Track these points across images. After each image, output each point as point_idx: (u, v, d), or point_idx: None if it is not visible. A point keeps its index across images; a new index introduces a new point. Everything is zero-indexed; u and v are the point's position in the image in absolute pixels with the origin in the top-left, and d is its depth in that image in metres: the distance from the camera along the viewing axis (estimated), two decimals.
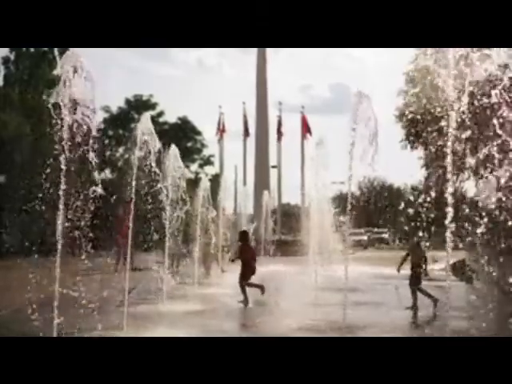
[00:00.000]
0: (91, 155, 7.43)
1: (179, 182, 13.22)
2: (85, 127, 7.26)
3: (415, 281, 11.79)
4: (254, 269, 13.27)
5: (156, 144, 10.02)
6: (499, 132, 5.63)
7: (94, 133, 7.41)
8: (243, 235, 14.01)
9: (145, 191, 11.07)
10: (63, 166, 7.08)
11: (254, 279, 13.37)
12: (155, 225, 12.29)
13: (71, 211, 7.22)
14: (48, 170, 7.29)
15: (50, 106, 7.09)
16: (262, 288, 13.13)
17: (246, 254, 13.35)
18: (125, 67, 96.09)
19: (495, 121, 5.66)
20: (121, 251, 18.69)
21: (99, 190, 7.51)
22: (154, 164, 10.15)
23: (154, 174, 10.39)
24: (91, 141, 7.37)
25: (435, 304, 11.48)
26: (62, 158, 7.09)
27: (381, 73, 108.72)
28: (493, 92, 5.57)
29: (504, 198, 5.51)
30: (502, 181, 5.61)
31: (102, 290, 11.22)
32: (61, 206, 7.11)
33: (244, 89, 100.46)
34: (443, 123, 5.98)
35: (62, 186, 7.10)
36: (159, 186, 11.20)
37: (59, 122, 7.13)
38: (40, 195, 7.34)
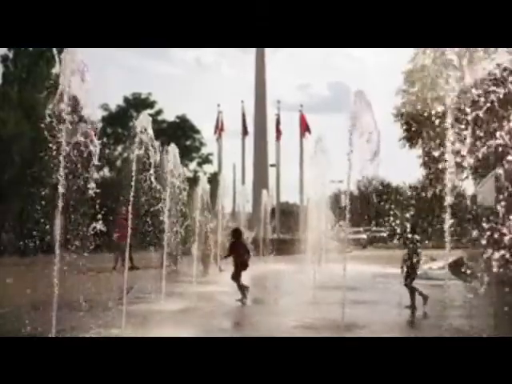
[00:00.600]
0: (92, 185, 7.08)
1: (179, 191, 13.26)
2: (85, 153, 6.89)
3: (408, 278, 11.89)
4: (246, 265, 13.38)
5: (157, 157, 9.92)
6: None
7: (95, 161, 6.99)
8: (236, 232, 14.16)
9: (144, 209, 11.09)
10: (61, 189, 6.85)
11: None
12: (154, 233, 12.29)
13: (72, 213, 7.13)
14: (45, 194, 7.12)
15: (43, 125, 6.72)
16: (246, 289, 13.17)
17: (238, 251, 13.46)
18: (123, 66, 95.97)
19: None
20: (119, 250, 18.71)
21: (99, 225, 7.36)
22: (153, 179, 10.10)
23: (153, 190, 10.38)
24: (92, 169, 7.01)
25: (425, 301, 11.68)
26: (60, 186, 6.80)
27: (380, 71, 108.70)
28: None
29: (508, 255, 5.49)
30: (506, 238, 5.58)
31: (100, 289, 11.26)
32: (60, 205, 7.02)
33: (243, 87, 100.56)
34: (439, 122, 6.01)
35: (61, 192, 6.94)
36: (160, 205, 11.19)
37: (54, 146, 6.80)
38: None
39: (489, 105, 5.64)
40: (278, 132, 41.14)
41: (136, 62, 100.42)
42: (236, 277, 13.11)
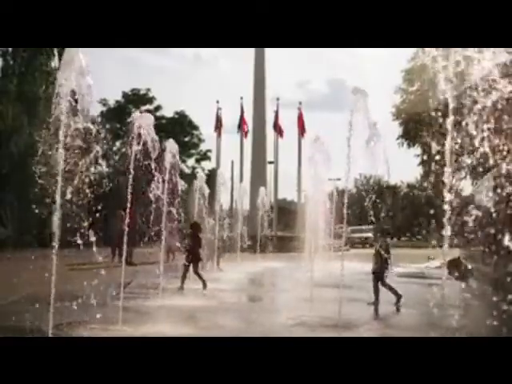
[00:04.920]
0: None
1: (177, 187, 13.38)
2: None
3: (380, 276, 12.07)
4: (199, 257, 14.52)
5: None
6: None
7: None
8: (194, 226, 14.99)
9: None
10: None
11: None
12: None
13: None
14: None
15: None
16: (182, 283, 13.95)
17: (193, 243, 14.34)
18: (121, 59, 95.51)
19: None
20: (116, 246, 18.69)
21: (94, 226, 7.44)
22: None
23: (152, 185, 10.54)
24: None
25: (398, 299, 11.94)
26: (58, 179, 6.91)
27: (379, 68, 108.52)
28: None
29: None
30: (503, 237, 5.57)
31: (96, 284, 11.24)
32: (58, 198, 7.01)
33: (242, 83, 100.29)
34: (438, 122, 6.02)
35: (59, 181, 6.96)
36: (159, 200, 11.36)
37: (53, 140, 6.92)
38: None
39: (488, 104, 5.65)
40: (279, 129, 41.10)
41: (134, 56, 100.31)
42: (185, 269, 14.01)
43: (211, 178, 25.99)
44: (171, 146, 13.11)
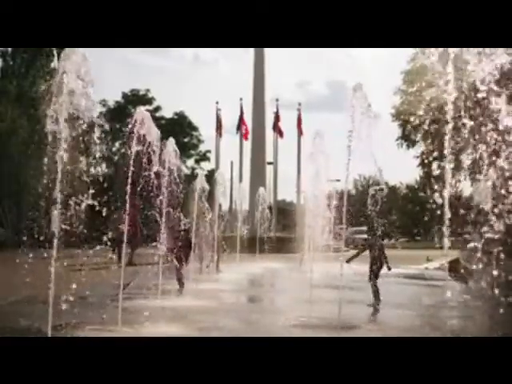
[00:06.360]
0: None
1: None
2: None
3: (374, 276, 12.12)
4: (187, 260, 14.69)
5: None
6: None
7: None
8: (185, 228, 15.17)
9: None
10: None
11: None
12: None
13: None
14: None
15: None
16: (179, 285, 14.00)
17: (183, 246, 14.48)
18: (122, 60, 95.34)
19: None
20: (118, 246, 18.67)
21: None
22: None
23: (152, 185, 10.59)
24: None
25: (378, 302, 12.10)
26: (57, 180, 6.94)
27: (378, 69, 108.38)
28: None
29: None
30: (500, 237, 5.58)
31: (96, 285, 11.24)
32: (58, 199, 7.01)
33: (242, 83, 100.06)
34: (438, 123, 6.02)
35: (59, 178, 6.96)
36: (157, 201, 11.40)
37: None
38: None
39: (487, 105, 5.65)
40: (279, 130, 41.10)
41: (133, 56, 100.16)
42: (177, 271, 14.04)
43: (210, 178, 25.91)
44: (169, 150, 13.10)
